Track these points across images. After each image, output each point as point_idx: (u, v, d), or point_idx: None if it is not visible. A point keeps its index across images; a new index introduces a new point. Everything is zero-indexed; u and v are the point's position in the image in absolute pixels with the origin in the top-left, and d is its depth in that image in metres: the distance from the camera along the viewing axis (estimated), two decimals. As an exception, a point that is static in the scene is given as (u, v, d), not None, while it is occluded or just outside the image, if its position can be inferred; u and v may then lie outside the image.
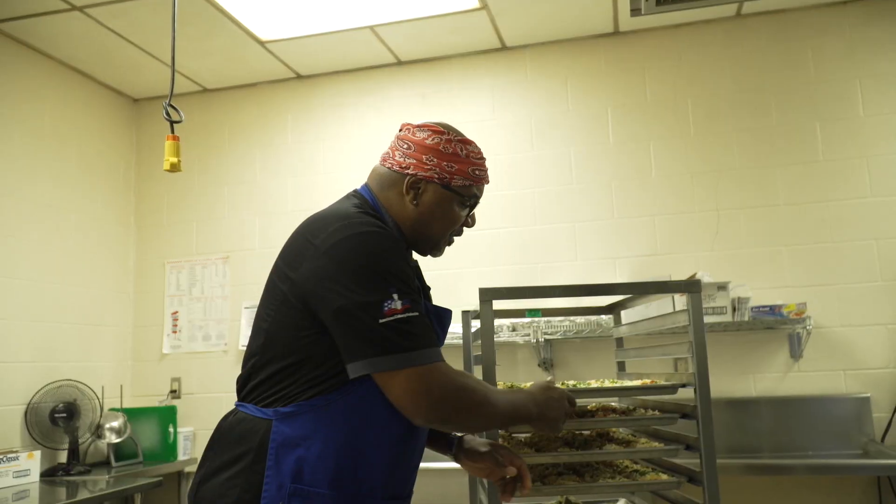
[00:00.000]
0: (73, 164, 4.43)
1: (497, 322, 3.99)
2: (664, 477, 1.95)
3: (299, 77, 4.75)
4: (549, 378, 1.78)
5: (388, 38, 4.26)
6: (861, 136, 3.91)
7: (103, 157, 4.69)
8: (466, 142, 1.75)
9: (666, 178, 4.14)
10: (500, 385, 1.97)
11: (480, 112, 4.45)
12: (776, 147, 4.02)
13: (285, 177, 4.68)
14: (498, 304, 2.46)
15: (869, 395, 3.72)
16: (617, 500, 2.24)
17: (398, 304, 1.50)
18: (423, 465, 1.94)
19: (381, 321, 1.48)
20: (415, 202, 1.72)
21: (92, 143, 4.60)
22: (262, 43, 4.24)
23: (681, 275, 3.94)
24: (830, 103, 3.98)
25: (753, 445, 3.77)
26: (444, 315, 1.79)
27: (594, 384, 2.16)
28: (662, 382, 2.01)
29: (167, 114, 2.18)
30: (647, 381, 2.07)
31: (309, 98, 4.74)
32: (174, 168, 2.17)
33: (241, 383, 1.68)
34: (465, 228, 1.83)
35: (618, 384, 2.12)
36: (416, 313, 1.52)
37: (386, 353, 1.48)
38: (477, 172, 1.75)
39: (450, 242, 1.82)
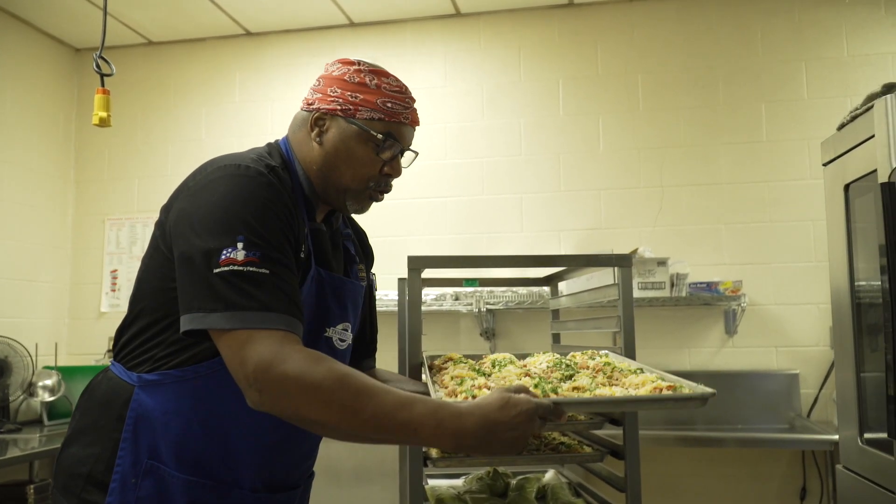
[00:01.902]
0: (9, 113, 4.27)
1: (440, 291, 4.01)
2: (588, 450, 1.98)
3: (249, 34, 4.64)
4: (515, 383, 1.45)
5: (340, -2, 4.18)
6: (804, 119, 3.97)
7: (42, 108, 4.53)
8: (380, 73, 1.53)
9: (613, 152, 4.16)
10: (462, 374, 1.66)
11: (432, 79, 4.41)
12: (722, 126, 4.06)
13: (232, 137, 4.59)
14: (437, 273, 2.45)
15: (798, 371, 3.83)
16: (545, 472, 2.27)
17: (240, 255, 1.28)
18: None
19: (214, 270, 1.28)
20: (318, 140, 1.52)
21: (30, 93, 4.44)
22: (209, -3, 4.13)
23: (623, 249, 3.98)
24: (776, 85, 4.03)
25: (687, 418, 3.86)
26: (341, 286, 1.58)
27: (583, 389, 1.55)
28: (674, 393, 1.49)
29: (97, 66, 2.11)
30: (662, 386, 1.51)
31: (258, 56, 4.63)
32: (103, 123, 2.11)
33: (115, 338, 1.52)
34: (391, 181, 1.59)
35: (618, 394, 1.54)
36: (265, 270, 1.29)
37: (208, 309, 1.27)
38: (389, 105, 1.50)
39: (376, 198, 1.58)
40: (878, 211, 2.05)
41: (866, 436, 2.38)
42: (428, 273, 1.97)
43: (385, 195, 1.61)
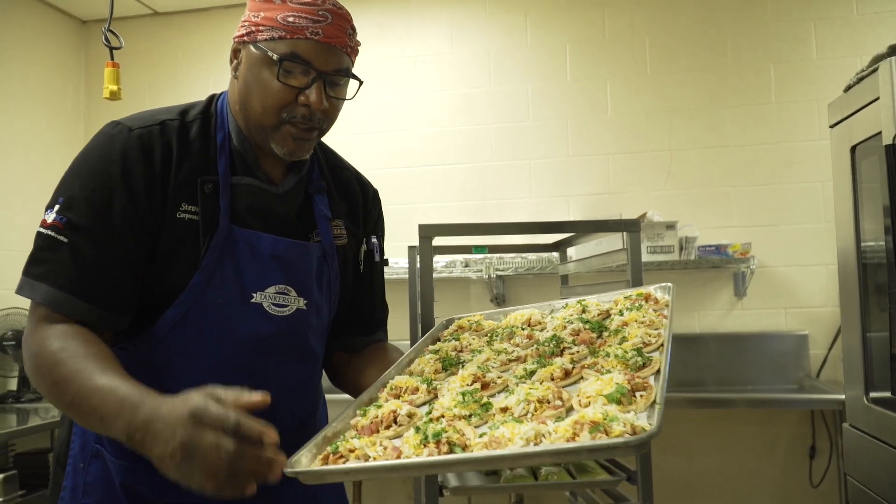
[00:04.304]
0: (17, 87, 4.28)
1: (450, 258, 4.04)
2: (604, 474, 1.93)
3: (254, 3, 4.62)
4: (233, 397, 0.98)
5: (345, -35, 4.14)
6: (813, 80, 3.95)
7: (50, 81, 4.54)
8: None
9: (621, 116, 4.15)
10: (400, 384, 1.33)
11: (438, 45, 4.38)
12: (730, 88, 4.04)
13: (239, 106, 4.59)
14: (447, 241, 2.48)
15: (807, 332, 3.85)
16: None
17: (51, 217, 1.23)
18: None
19: (38, 229, 1.24)
20: (235, 74, 1.35)
21: (38, 66, 4.45)
22: (214, -34, 4.11)
23: (632, 213, 3.99)
24: (785, 45, 4.00)
25: (697, 380, 3.90)
26: (265, 245, 1.36)
27: (479, 444, 1.04)
28: (596, 442, 0.95)
29: (106, 39, 2.13)
30: (586, 419, 1.01)
31: (264, 25, 4.61)
32: (114, 96, 2.13)
33: None
34: (317, 115, 1.31)
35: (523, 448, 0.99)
36: (62, 238, 1.21)
37: (24, 272, 1.25)
38: (290, 20, 1.26)
39: (300, 136, 1.32)
40: (883, 172, 2.05)
41: (872, 395, 2.41)
42: (438, 240, 2.00)
43: (315, 133, 1.35)
